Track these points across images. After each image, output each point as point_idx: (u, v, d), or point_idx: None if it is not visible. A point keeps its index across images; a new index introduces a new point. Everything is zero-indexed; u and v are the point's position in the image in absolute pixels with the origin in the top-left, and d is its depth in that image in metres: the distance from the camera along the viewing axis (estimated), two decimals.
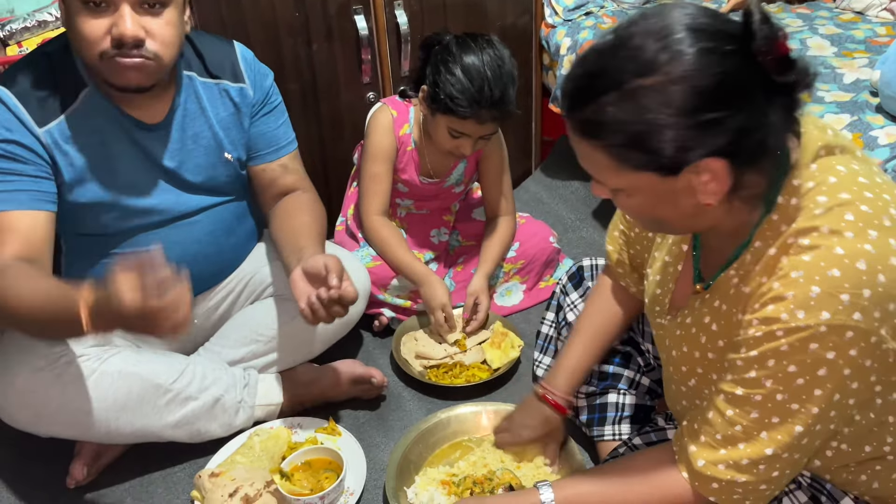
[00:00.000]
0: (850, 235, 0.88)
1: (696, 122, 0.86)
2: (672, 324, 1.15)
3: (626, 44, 0.88)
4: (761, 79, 0.87)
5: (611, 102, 0.88)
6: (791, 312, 0.89)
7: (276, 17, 2.08)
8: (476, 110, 1.72)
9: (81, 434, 1.49)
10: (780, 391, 0.92)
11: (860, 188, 0.92)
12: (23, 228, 1.36)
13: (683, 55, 0.85)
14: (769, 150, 0.91)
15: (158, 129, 1.48)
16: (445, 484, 1.47)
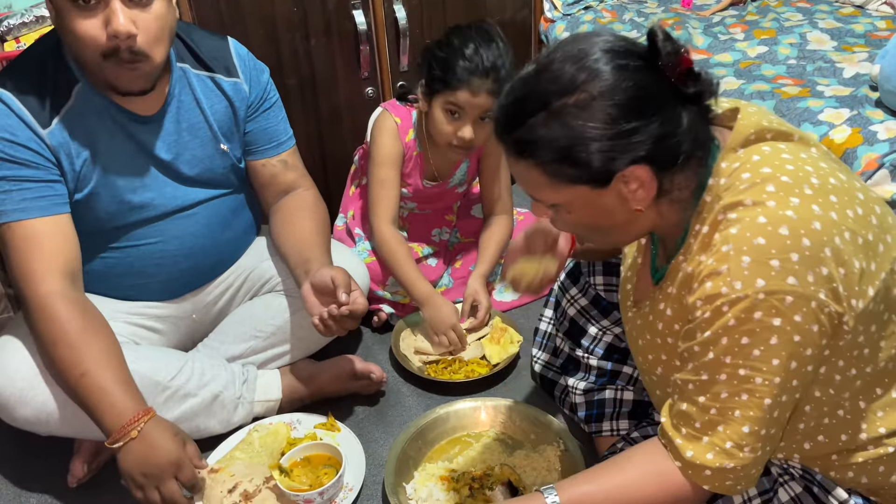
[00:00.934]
0: (772, 204, 0.93)
1: (616, 132, 0.94)
2: (636, 316, 1.20)
3: (548, 68, 0.97)
4: (671, 90, 0.96)
5: (540, 122, 0.96)
6: (729, 285, 0.93)
7: (274, 12, 2.07)
8: (467, 77, 1.73)
9: (81, 432, 1.49)
10: (740, 365, 0.95)
11: (782, 162, 0.97)
12: (52, 234, 1.37)
13: (600, 73, 0.94)
14: (689, 153, 0.98)
15: (153, 121, 1.48)
16: (444, 479, 1.47)
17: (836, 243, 0.92)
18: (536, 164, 0.98)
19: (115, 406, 1.30)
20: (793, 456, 1.11)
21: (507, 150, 1.02)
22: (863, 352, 1.00)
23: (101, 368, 1.32)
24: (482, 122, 1.82)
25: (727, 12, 2.56)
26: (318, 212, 1.69)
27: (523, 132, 0.98)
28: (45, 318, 1.34)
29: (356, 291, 1.48)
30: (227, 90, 1.56)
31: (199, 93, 1.53)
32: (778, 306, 0.91)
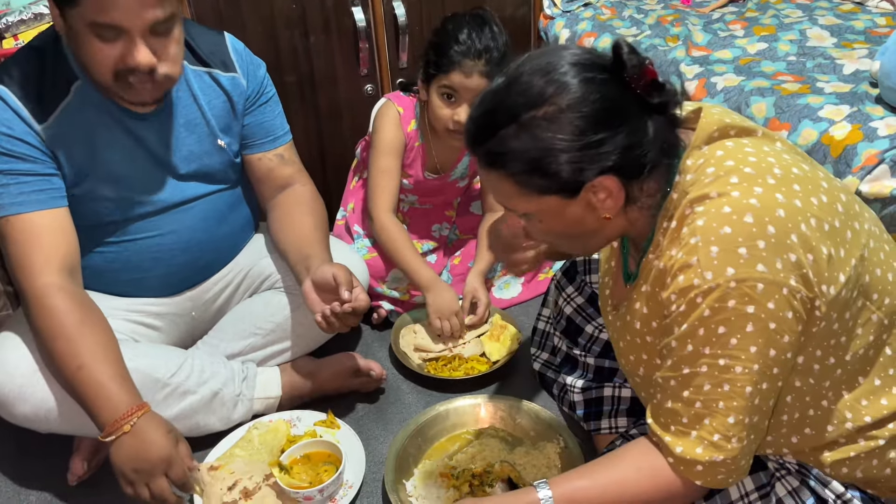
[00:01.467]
0: (736, 194, 0.95)
1: (585, 143, 0.96)
2: (615, 317, 1.21)
3: (517, 81, 1.00)
4: (637, 101, 0.98)
5: (510, 135, 0.98)
6: (700, 276, 0.94)
7: (273, 9, 2.07)
8: (460, 59, 1.73)
9: (80, 429, 1.49)
10: (719, 355, 0.96)
11: (745, 155, 1.00)
12: (50, 228, 1.38)
13: (568, 86, 0.96)
14: (655, 161, 1.00)
15: (150, 117, 1.48)
16: (444, 476, 1.47)
17: (801, 230, 0.94)
18: (507, 174, 1.01)
19: (110, 400, 1.30)
20: (782, 451, 1.11)
21: (479, 161, 1.04)
22: (839, 340, 1.01)
23: (98, 362, 1.32)
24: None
25: (727, 9, 2.56)
26: (317, 208, 1.69)
27: (493, 144, 1.00)
28: (43, 311, 1.34)
29: (358, 288, 1.48)
30: (225, 85, 1.56)
31: (196, 89, 1.53)
32: (750, 294, 0.92)
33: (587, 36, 2.30)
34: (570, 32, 2.37)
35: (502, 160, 1.00)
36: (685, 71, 2.06)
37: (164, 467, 1.29)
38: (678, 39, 2.26)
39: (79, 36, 1.29)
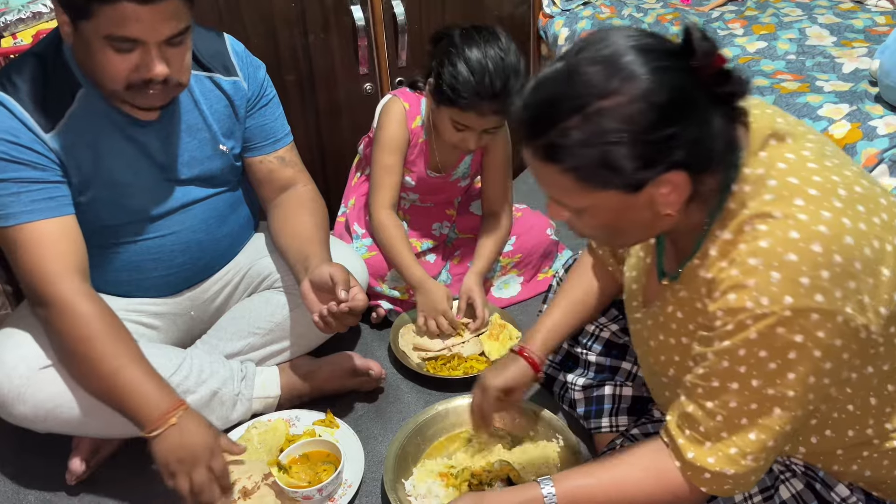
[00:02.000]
0: (804, 218, 0.91)
1: (656, 137, 0.90)
2: (646, 316, 1.18)
3: (579, 69, 0.92)
4: (703, 90, 0.92)
5: (574, 126, 0.91)
6: (755, 300, 0.91)
7: (272, 8, 2.06)
8: (477, 102, 1.71)
9: (79, 430, 1.49)
10: (754, 377, 0.94)
11: (808, 173, 0.95)
12: (62, 235, 1.38)
13: (636, 74, 0.90)
14: (720, 155, 0.95)
15: (153, 124, 1.48)
16: (443, 476, 1.47)
17: (865, 254, 0.91)
18: (566, 168, 0.94)
19: (150, 396, 1.33)
20: (797, 450, 1.10)
21: (533, 154, 0.97)
22: (879, 350, 0.98)
23: (135, 362, 1.35)
24: (487, 133, 1.81)
25: (726, 8, 2.56)
26: (317, 208, 1.69)
27: (554, 136, 0.92)
28: (73, 316, 1.34)
29: (355, 288, 1.48)
30: (227, 89, 1.56)
31: (197, 94, 1.53)
32: (803, 323, 0.89)
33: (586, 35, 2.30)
34: (569, 31, 2.36)
35: (563, 154, 0.93)
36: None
37: (207, 457, 1.31)
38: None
39: (91, 46, 1.28)
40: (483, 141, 1.83)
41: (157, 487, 1.56)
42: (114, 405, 1.35)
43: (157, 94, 1.36)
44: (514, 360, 1.43)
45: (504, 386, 1.43)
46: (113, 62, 1.29)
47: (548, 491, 1.09)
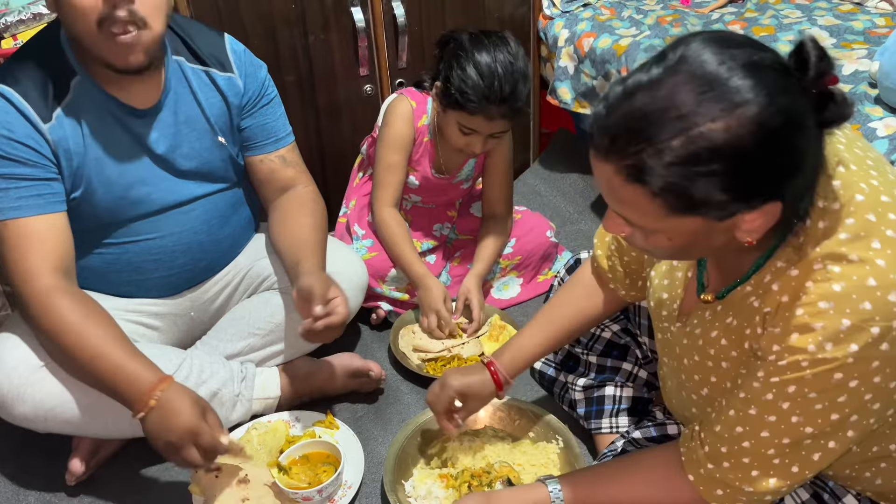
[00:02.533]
0: (882, 264, 0.86)
1: (763, 168, 0.81)
2: (681, 332, 1.12)
3: (683, 83, 0.81)
4: (813, 114, 0.83)
5: (674, 148, 0.80)
6: (819, 344, 0.87)
7: (272, 8, 2.07)
8: (485, 106, 1.71)
9: (79, 430, 1.49)
10: (796, 414, 0.92)
11: (884, 209, 0.90)
12: (48, 233, 1.38)
13: (750, 96, 0.79)
14: (812, 184, 0.89)
15: (150, 114, 1.48)
16: (443, 477, 1.47)
17: None
18: (651, 191, 0.84)
19: (130, 379, 1.32)
20: None
21: (616, 171, 0.85)
22: None
23: (110, 348, 1.34)
24: (493, 137, 1.82)
25: (726, 9, 2.56)
26: (315, 210, 1.68)
27: (648, 156, 0.82)
28: (47, 311, 1.34)
29: (337, 299, 1.46)
30: (221, 85, 1.56)
31: (194, 85, 1.53)
32: (862, 369, 0.87)
33: (586, 36, 2.30)
34: (569, 33, 2.37)
35: (653, 177, 0.82)
36: None
37: (190, 438, 1.30)
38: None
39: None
40: (489, 145, 1.83)
41: (157, 488, 1.56)
42: (106, 392, 1.36)
43: (129, 41, 1.31)
44: (481, 370, 1.41)
45: (461, 388, 1.39)
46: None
47: (554, 492, 1.09)
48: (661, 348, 1.22)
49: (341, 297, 1.47)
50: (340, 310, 1.45)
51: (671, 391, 1.23)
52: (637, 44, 2.15)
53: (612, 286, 1.35)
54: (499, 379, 1.39)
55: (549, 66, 2.49)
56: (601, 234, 1.34)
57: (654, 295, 1.20)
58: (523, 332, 1.41)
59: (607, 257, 1.32)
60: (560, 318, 1.39)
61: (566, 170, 2.63)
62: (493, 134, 1.80)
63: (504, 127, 1.79)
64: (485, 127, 1.76)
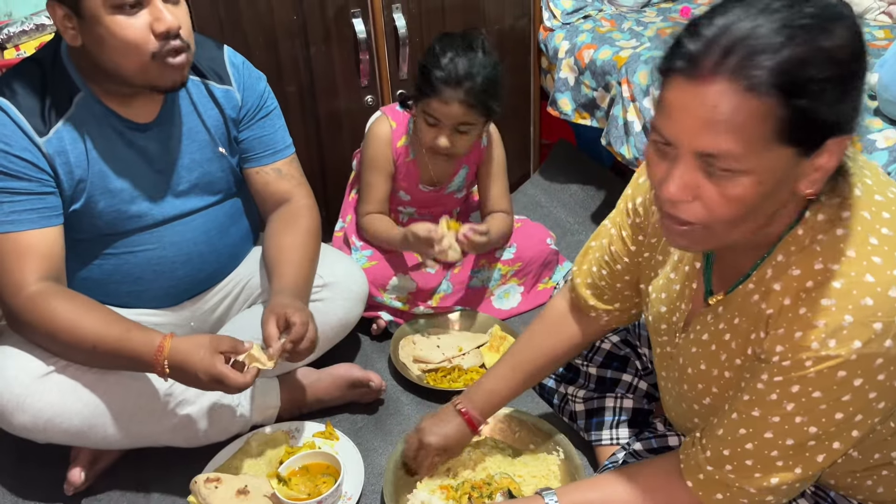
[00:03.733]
0: (879, 262, 0.87)
1: (858, 89, 0.83)
2: (686, 341, 1.12)
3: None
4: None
5: (796, 56, 0.79)
6: (822, 341, 0.88)
7: (273, 19, 2.07)
8: (440, 88, 1.75)
9: (78, 440, 1.48)
10: (799, 415, 0.92)
11: (878, 207, 0.91)
12: (38, 247, 1.38)
13: (846, 15, 0.82)
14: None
15: (151, 127, 1.49)
16: (443, 489, 1.46)
17: None
18: (765, 107, 0.80)
19: (133, 354, 1.36)
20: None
21: (730, 84, 0.81)
22: None
23: (106, 331, 1.37)
24: (460, 133, 1.83)
25: None
26: (302, 226, 1.65)
27: (767, 61, 0.79)
28: (39, 316, 1.36)
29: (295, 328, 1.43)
30: (218, 97, 1.57)
31: (195, 97, 1.54)
32: (866, 367, 0.87)
33: (587, 48, 2.31)
34: (569, 44, 2.37)
35: (767, 85, 0.80)
36: None
37: (216, 385, 1.34)
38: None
39: (102, 25, 1.30)
40: (458, 144, 1.84)
41: (156, 499, 1.56)
42: (125, 369, 1.43)
43: (179, 63, 1.37)
44: (454, 417, 1.41)
45: (440, 444, 1.41)
46: (129, 27, 1.31)
47: (550, 499, 1.09)
48: (658, 363, 1.22)
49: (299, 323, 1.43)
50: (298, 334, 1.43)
51: (670, 404, 1.22)
52: (637, 55, 2.15)
53: (594, 314, 1.33)
54: (474, 424, 1.40)
55: (550, 78, 2.50)
56: (579, 263, 1.32)
57: (652, 309, 1.20)
58: (495, 373, 1.41)
59: (589, 286, 1.30)
60: (532, 359, 1.38)
61: (566, 181, 2.63)
62: (457, 127, 1.81)
63: (464, 117, 1.79)
64: (444, 113, 1.78)
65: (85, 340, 1.36)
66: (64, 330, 1.36)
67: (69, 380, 1.43)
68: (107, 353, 1.37)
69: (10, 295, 1.37)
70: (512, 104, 2.56)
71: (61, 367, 1.43)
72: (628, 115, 2.11)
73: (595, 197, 2.54)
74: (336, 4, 2.12)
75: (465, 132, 1.84)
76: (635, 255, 1.22)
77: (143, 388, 1.48)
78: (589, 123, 2.36)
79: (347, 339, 1.84)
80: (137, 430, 1.51)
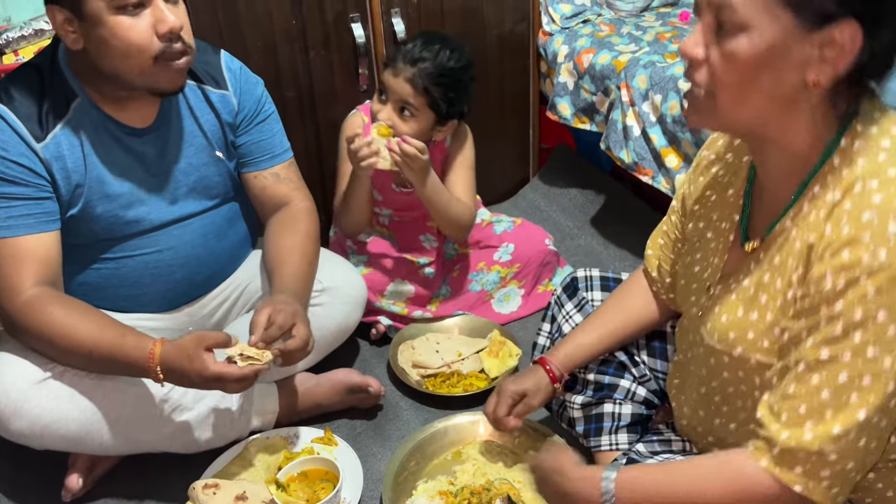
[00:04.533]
0: None
1: None
2: (724, 290, 1.09)
3: None
4: None
5: None
6: (872, 252, 0.86)
7: (272, 24, 2.07)
8: (397, 59, 1.81)
9: (76, 446, 1.48)
10: (870, 343, 0.87)
11: None
12: (35, 252, 1.39)
13: None
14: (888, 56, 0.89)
15: (149, 132, 1.49)
16: (443, 494, 1.46)
17: None
18: None
19: (128, 360, 1.36)
20: None
21: None
22: None
23: (101, 335, 1.37)
24: (402, 114, 1.83)
25: None
26: (301, 229, 1.65)
27: None
28: (31, 322, 1.36)
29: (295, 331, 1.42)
30: (215, 102, 1.57)
31: (192, 102, 1.54)
32: None
33: (586, 52, 2.31)
34: (568, 49, 2.37)
35: None
36: (683, 87, 2.07)
37: (209, 386, 1.34)
38: (677, 56, 2.26)
39: (104, 27, 1.31)
40: (398, 126, 1.82)
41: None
42: (122, 374, 1.43)
43: (183, 66, 1.38)
44: (534, 369, 1.43)
45: (520, 390, 1.42)
46: (132, 28, 1.31)
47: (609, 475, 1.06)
48: (683, 332, 1.21)
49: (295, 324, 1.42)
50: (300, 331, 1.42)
51: (685, 388, 1.21)
52: (636, 60, 2.15)
53: (654, 288, 1.36)
54: (554, 374, 1.41)
55: (549, 82, 2.50)
56: (654, 236, 1.35)
57: (685, 272, 1.20)
58: (579, 332, 1.42)
59: (657, 257, 1.33)
60: (615, 322, 1.40)
61: (566, 185, 2.63)
62: (401, 104, 1.81)
63: (406, 95, 1.80)
64: (390, 84, 1.81)
65: (81, 346, 1.36)
66: (59, 335, 1.36)
67: (66, 386, 1.43)
68: (102, 359, 1.37)
69: (6, 300, 1.37)
70: (511, 108, 2.56)
71: (58, 373, 1.43)
72: (627, 119, 2.10)
73: (594, 201, 2.54)
74: (335, 9, 2.12)
75: (407, 118, 1.83)
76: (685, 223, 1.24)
77: (140, 394, 1.47)
78: (588, 128, 2.35)
79: (346, 345, 1.83)
80: (135, 436, 1.50)
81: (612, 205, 2.49)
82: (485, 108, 2.47)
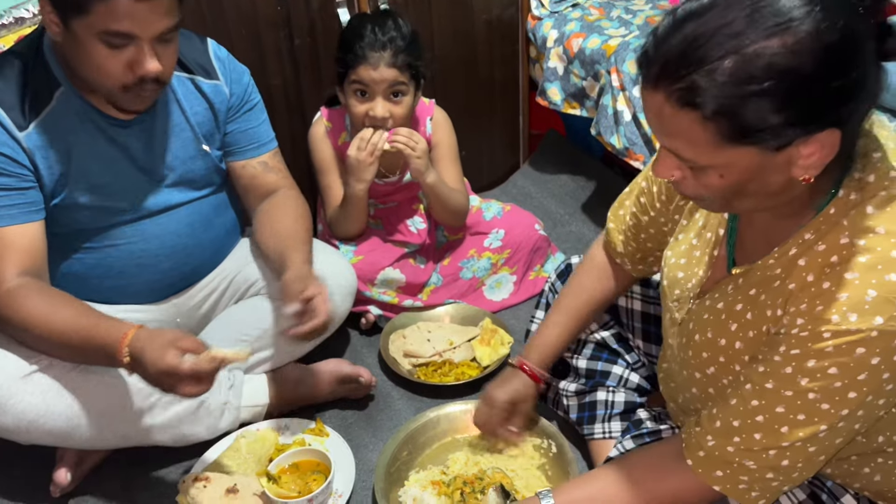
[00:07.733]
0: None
1: (822, 87, 0.79)
2: (700, 307, 1.10)
3: (737, 3, 0.80)
4: (872, 41, 0.81)
5: (727, 68, 0.79)
6: (843, 315, 0.86)
7: (256, 11, 2.04)
8: (365, 53, 1.78)
9: (63, 441, 1.46)
10: (813, 391, 0.90)
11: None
12: (19, 242, 1.37)
13: (806, 10, 0.78)
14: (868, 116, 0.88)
15: (134, 124, 1.47)
16: (436, 484, 1.45)
17: None
18: (704, 118, 0.82)
19: (100, 343, 1.31)
20: None
21: (667, 97, 0.83)
22: None
23: (77, 322, 1.33)
24: (395, 99, 1.83)
25: None
26: (298, 209, 1.67)
27: (700, 78, 0.80)
28: (11, 313, 1.34)
29: (317, 299, 1.42)
30: (207, 92, 1.55)
31: (179, 94, 1.52)
32: (884, 346, 0.86)
33: (575, 37, 2.29)
34: (558, 33, 2.36)
35: (707, 99, 0.80)
36: None
37: (170, 380, 1.27)
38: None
39: (84, 44, 1.29)
40: (394, 113, 1.82)
41: (144, 499, 1.54)
42: (94, 363, 1.39)
43: (149, 96, 1.37)
44: (515, 373, 1.44)
45: (510, 399, 1.44)
46: (107, 59, 1.29)
47: (546, 500, 1.08)
48: (666, 329, 1.22)
49: (321, 295, 1.44)
50: (321, 310, 1.42)
51: (671, 374, 1.22)
52: (626, 44, 2.14)
53: (620, 261, 1.37)
54: (535, 374, 1.43)
55: (539, 67, 2.48)
56: (615, 208, 1.36)
57: (669, 274, 1.20)
58: (544, 328, 1.45)
59: (621, 232, 1.33)
60: (576, 307, 1.42)
61: (556, 171, 2.62)
62: (390, 92, 1.81)
63: (393, 77, 1.80)
64: (373, 78, 1.79)
65: (58, 332, 1.33)
66: (37, 325, 1.34)
67: (52, 380, 1.41)
68: (78, 345, 1.33)
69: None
70: (500, 94, 2.54)
71: (44, 366, 1.41)
72: (618, 104, 2.09)
73: (585, 187, 2.53)
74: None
75: (399, 100, 1.84)
76: (661, 211, 1.24)
77: (128, 388, 1.46)
78: (578, 113, 2.34)
79: (336, 334, 1.82)
80: (123, 429, 1.49)
81: (604, 191, 2.48)
82: (474, 95, 2.46)
